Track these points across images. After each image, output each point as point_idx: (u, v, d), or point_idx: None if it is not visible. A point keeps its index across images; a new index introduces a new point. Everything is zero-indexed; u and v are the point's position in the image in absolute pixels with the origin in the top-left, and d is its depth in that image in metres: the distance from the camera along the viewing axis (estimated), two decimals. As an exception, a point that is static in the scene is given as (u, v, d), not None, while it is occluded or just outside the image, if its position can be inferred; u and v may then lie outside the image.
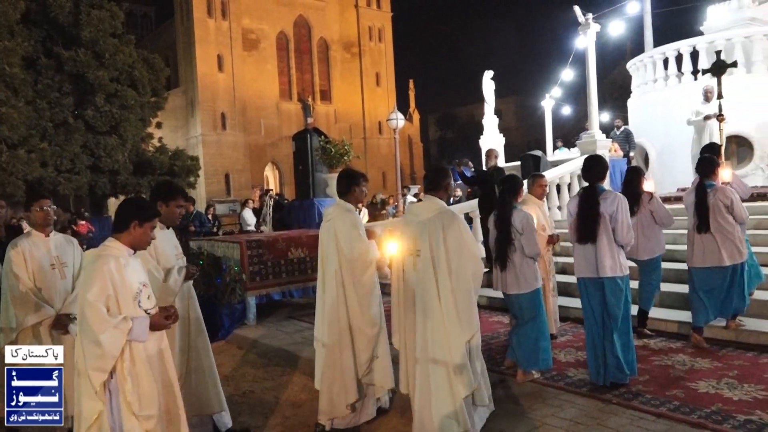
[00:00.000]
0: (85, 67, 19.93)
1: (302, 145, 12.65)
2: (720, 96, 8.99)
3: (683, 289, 6.20)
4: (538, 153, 12.60)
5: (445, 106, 63.83)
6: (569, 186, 10.74)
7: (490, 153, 9.42)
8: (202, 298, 7.37)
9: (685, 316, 5.97)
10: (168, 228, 3.89)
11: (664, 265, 6.28)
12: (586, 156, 5.20)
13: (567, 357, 5.51)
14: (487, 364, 3.98)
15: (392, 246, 4.06)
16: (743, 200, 5.79)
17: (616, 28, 15.34)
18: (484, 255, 7.47)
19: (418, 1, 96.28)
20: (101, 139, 20.76)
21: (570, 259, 7.29)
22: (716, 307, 5.48)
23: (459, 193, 13.84)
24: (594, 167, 4.74)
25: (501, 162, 12.19)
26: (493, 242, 5.03)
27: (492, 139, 15.85)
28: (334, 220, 4.14)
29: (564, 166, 10.99)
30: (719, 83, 9.03)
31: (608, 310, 4.60)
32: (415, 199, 17.59)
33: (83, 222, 16.66)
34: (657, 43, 15.63)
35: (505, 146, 16.39)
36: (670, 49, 13.28)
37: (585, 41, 11.55)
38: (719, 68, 8.99)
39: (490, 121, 16.31)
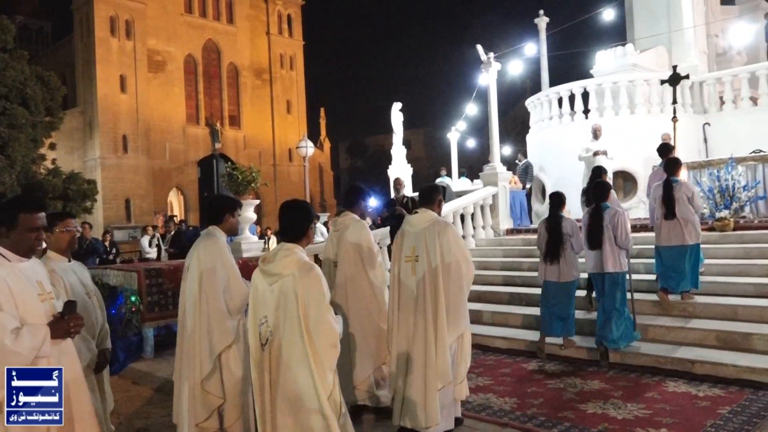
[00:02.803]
0: (-31, 82, 18.51)
1: (208, 171, 12.40)
2: (675, 101, 10.73)
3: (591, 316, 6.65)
4: (444, 183, 12.99)
5: (356, 135, 64.57)
6: (473, 216, 11.10)
7: (399, 182, 9.62)
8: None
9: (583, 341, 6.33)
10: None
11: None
12: (596, 181, 6.61)
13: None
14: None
15: None
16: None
17: (516, 68, 16.29)
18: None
19: (330, 32, 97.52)
20: (-14, 159, 19.25)
21: (486, 288, 8.31)
22: (667, 280, 6.68)
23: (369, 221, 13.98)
24: (599, 191, 6.25)
25: (407, 191, 12.46)
26: (543, 244, 6.30)
27: (400, 168, 16.19)
28: (349, 228, 4.84)
29: (468, 197, 11.36)
30: (674, 92, 10.82)
31: (608, 296, 5.90)
32: (324, 228, 17.57)
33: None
34: (553, 82, 16.72)
35: (414, 176, 16.80)
36: (563, 89, 14.24)
37: (487, 78, 12.14)
38: (675, 79, 10.84)
39: (398, 151, 16.67)
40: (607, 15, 16.51)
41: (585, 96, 13.85)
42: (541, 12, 17.57)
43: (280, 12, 47.29)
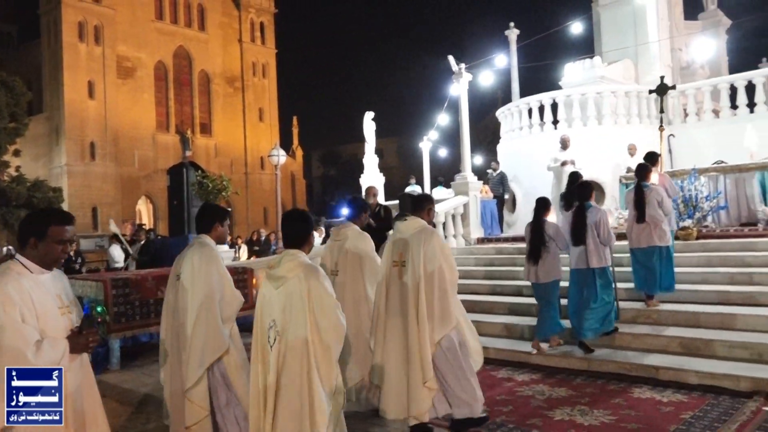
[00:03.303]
0: (-71, 87, 18.01)
1: (178, 179, 12.20)
2: (662, 111, 11.17)
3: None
4: (414, 192, 13.04)
5: (329, 143, 64.45)
6: (444, 225, 11.17)
7: (370, 190, 9.59)
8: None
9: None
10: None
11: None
12: (579, 182, 6.96)
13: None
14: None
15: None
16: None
17: (487, 79, 16.46)
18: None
19: (303, 40, 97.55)
20: (-54, 166, 18.72)
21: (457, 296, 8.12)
22: (643, 282, 6.99)
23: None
24: (583, 191, 6.55)
25: (380, 199, 12.47)
26: (527, 245, 6.50)
27: (372, 177, 16.20)
28: (350, 239, 5.03)
29: (439, 206, 11.41)
30: (662, 101, 11.21)
31: (597, 289, 6.20)
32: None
33: None
34: (523, 93, 16.97)
35: (386, 184, 16.83)
36: (533, 100, 14.47)
37: (458, 89, 12.27)
38: (662, 89, 11.21)
39: (370, 160, 16.69)
40: (576, 28, 16.83)
41: (554, 107, 14.10)
42: (512, 24, 17.86)
43: (252, 20, 47.20)
